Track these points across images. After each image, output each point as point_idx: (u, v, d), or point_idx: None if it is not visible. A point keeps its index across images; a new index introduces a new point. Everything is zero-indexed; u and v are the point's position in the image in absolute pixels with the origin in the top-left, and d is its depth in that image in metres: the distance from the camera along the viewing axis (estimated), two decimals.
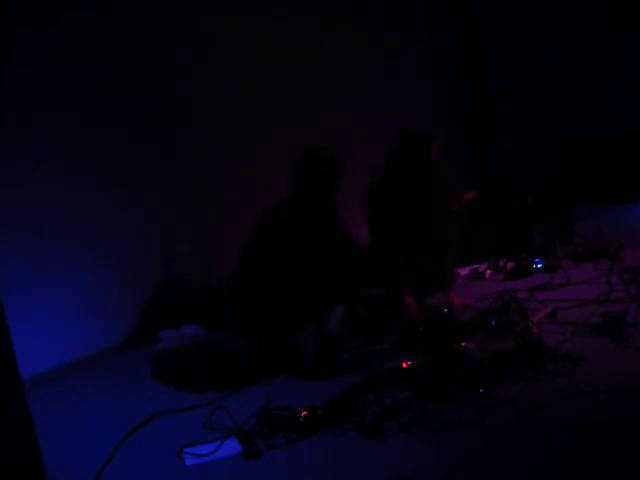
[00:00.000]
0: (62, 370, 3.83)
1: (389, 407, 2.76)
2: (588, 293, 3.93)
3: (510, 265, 4.75)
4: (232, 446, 2.65)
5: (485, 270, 4.84)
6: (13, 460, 2.03)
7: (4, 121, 3.69)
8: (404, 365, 3.05)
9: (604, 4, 6.21)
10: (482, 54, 6.97)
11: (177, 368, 3.56)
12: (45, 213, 3.84)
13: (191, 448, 2.66)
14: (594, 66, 6.33)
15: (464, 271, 4.87)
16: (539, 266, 4.66)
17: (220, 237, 3.85)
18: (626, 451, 2.25)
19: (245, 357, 3.53)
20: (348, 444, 2.59)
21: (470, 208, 5.42)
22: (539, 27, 6.46)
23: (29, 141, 3.80)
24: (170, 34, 4.45)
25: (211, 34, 4.70)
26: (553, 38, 6.41)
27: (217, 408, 2.93)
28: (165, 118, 4.40)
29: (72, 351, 3.96)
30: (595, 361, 2.99)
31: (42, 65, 3.84)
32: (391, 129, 4.08)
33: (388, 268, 3.92)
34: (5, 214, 3.67)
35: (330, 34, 5.56)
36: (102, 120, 4.13)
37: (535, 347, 3.08)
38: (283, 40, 5.10)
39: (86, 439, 2.92)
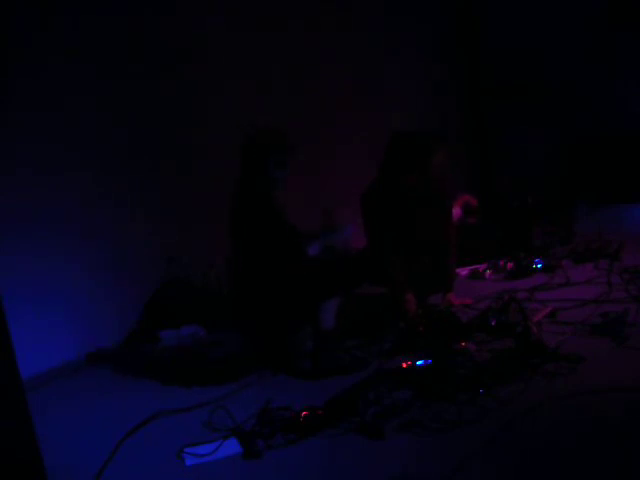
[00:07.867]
0: (62, 370, 3.84)
1: (389, 407, 2.76)
2: (588, 293, 3.93)
3: (510, 265, 4.75)
4: (232, 446, 2.65)
5: (485, 270, 4.84)
6: (13, 460, 2.03)
7: (4, 121, 3.69)
8: (404, 365, 3.05)
9: (604, 6, 6.21)
10: (483, 55, 6.97)
11: (177, 368, 3.56)
12: (44, 212, 3.84)
13: (191, 448, 2.66)
14: (594, 66, 6.33)
15: (464, 271, 4.88)
16: (539, 266, 4.66)
17: (220, 237, 3.86)
18: (626, 451, 2.25)
19: (245, 357, 3.53)
20: (348, 444, 2.59)
21: (470, 210, 5.43)
22: (540, 28, 6.46)
23: (29, 141, 3.79)
24: (172, 34, 4.45)
25: (211, 34, 4.70)
26: (554, 38, 6.41)
27: (217, 408, 2.94)
28: (165, 118, 4.40)
29: (72, 351, 3.96)
30: (595, 361, 2.99)
31: (42, 65, 3.84)
32: (391, 130, 4.09)
33: (387, 268, 3.91)
34: (4, 215, 3.67)
35: (332, 36, 5.57)
36: (102, 119, 4.13)
37: (535, 347, 3.08)
38: (282, 39, 5.11)
39: (86, 439, 2.92)
